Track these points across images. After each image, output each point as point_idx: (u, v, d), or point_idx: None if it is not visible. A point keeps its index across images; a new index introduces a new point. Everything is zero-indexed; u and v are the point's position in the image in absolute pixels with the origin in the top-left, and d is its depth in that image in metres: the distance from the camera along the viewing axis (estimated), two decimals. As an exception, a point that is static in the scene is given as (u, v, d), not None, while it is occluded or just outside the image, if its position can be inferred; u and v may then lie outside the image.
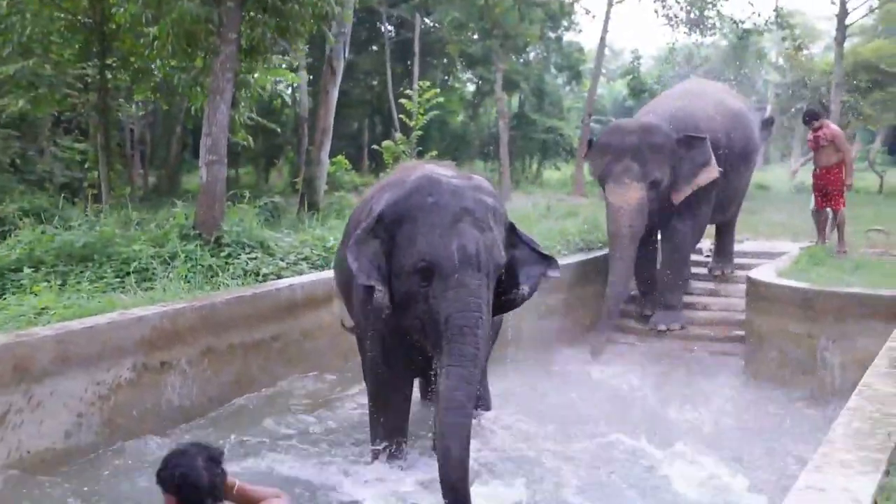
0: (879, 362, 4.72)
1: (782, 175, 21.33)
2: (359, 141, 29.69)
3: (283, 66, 18.14)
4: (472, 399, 4.35)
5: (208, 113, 8.38)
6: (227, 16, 8.17)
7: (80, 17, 10.96)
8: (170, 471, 2.46)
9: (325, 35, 11.16)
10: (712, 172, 8.79)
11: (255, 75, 10.50)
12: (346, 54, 14.64)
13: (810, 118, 9.64)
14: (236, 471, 4.99)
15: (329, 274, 7.39)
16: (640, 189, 8.65)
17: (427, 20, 28.59)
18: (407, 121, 13.58)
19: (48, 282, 6.78)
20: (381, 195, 5.02)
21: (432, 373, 5.24)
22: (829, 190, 9.58)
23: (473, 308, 4.38)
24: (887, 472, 3.15)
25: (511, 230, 4.94)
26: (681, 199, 8.87)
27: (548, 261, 5.02)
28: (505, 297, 4.83)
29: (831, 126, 9.78)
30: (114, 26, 10.06)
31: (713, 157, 8.79)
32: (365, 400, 5.72)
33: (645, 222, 8.76)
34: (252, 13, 8.71)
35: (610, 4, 23.23)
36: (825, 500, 2.88)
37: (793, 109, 26.31)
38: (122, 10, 9.06)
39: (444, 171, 4.98)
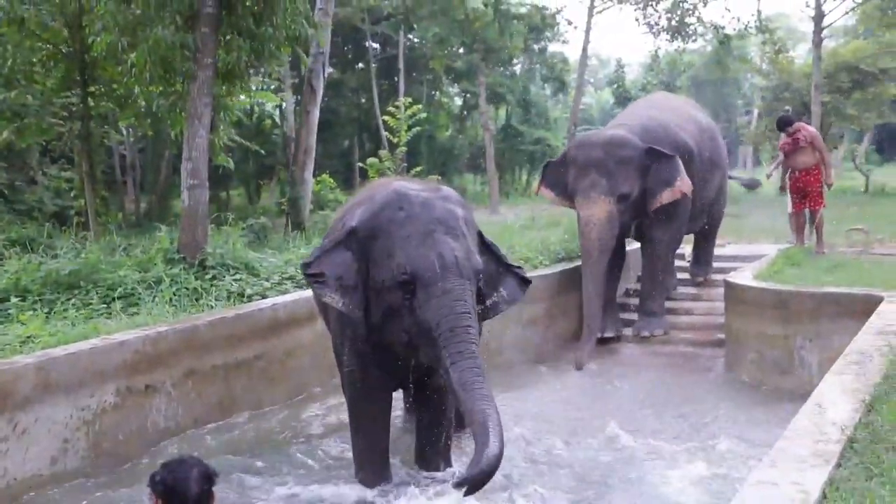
0: (840, 361, 4.83)
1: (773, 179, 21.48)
2: (349, 158, 29.80)
3: (272, 87, 18.34)
4: (488, 387, 4.42)
5: (187, 137, 8.48)
6: (202, 41, 8.28)
7: (60, 47, 11.07)
8: (163, 476, 2.57)
9: (303, 55, 11.26)
10: (675, 193, 8.75)
11: (234, 98, 10.59)
12: (326, 74, 14.75)
13: (785, 124, 9.79)
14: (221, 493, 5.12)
15: (310, 293, 7.47)
16: (609, 203, 8.66)
17: (410, 36, 28.77)
18: (391, 137, 13.73)
19: (34, 310, 6.84)
20: (352, 212, 5.13)
21: (411, 384, 5.38)
22: (809, 191, 9.72)
23: (461, 310, 4.49)
24: (838, 465, 3.24)
25: (481, 239, 5.07)
26: (653, 208, 8.92)
27: (518, 273, 5.17)
28: (481, 307, 4.94)
29: (808, 128, 9.92)
30: (95, 55, 10.14)
31: (681, 175, 8.72)
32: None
33: (615, 235, 8.79)
34: (227, 37, 8.81)
35: (590, 14, 23.36)
36: (776, 493, 2.97)
37: (780, 112, 26.48)
38: (98, 38, 9.14)
39: (412, 185, 5.11)
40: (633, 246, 10.27)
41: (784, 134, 9.80)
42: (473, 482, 4.13)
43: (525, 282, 5.30)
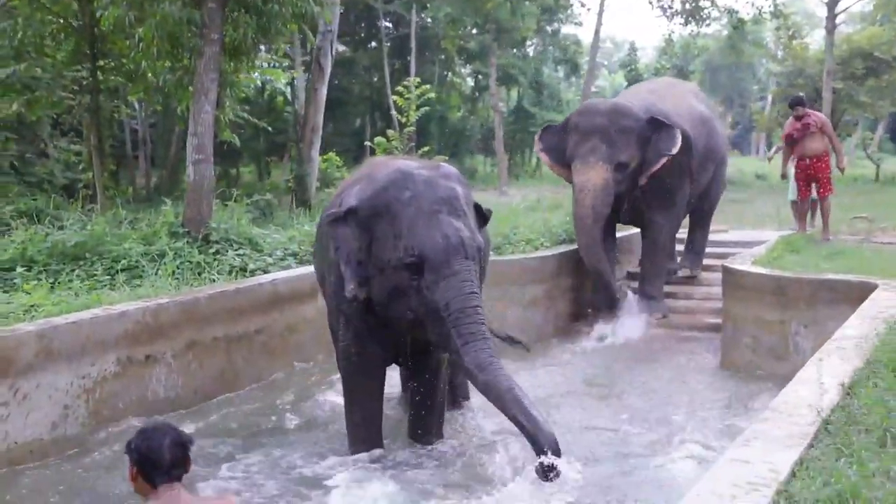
0: (826, 346, 4.88)
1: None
2: (361, 137, 29.81)
3: (284, 64, 18.35)
4: (501, 364, 4.60)
5: (193, 113, 8.56)
6: (209, 17, 8.34)
7: (70, 21, 11.15)
8: (137, 443, 2.63)
9: (309, 33, 11.29)
10: (666, 160, 8.71)
11: (241, 75, 10.66)
12: (335, 52, 14.80)
13: (797, 103, 9.60)
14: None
15: (312, 269, 7.56)
16: (606, 170, 8.65)
17: (423, 16, 28.73)
18: (400, 117, 13.76)
19: (39, 280, 6.96)
20: (350, 189, 5.19)
21: (410, 361, 5.45)
22: (819, 178, 9.57)
23: (468, 291, 4.61)
24: (811, 446, 3.31)
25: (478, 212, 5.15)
26: (643, 182, 8.91)
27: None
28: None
29: (817, 113, 9.82)
30: (104, 28, 10.23)
31: (676, 145, 8.68)
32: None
33: (609, 204, 8.76)
34: (234, 13, 8.87)
35: (603, -2, 23.33)
36: (746, 471, 3.03)
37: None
38: (106, 12, 9.21)
39: (412, 163, 5.17)
40: (633, 231, 10.29)
41: (792, 118, 9.66)
42: (548, 467, 4.34)
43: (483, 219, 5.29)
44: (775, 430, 3.47)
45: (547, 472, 4.34)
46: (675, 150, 8.64)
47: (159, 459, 2.58)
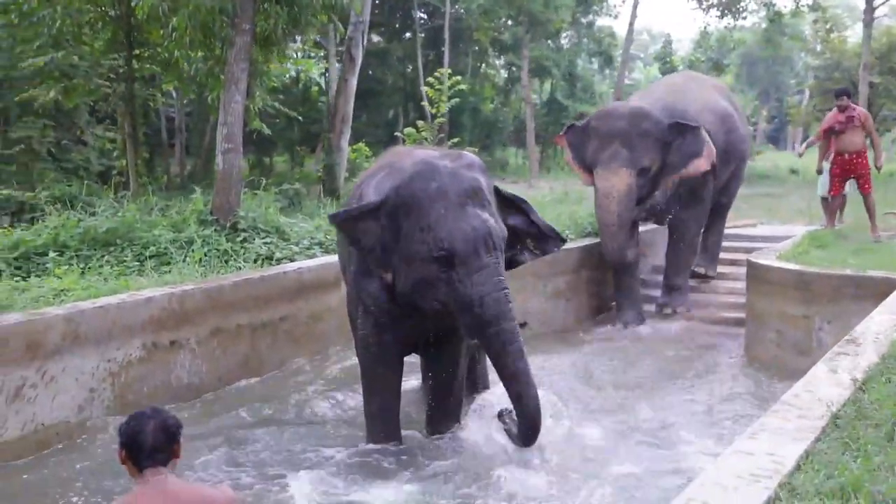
0: (843, 341, 4.85)
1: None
2: (394, 128, 29.84)
3: (322, 54, 18.46)
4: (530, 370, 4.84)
5: (224, 102, 8.68)
6: (240, 7, 8.44)
7: (107, 10, 11.32)
8: (123, 425, 2.70)
9: (339, 25, 11.37)
10: (702, 165, 8.74)
11: (272, 65, 10.76)
12: (365, 43, 14.85)
13: (843, 94, 9.36)
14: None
15: (337, 258, 7.63)
16: (629, 175, 8.66)
17: (457, 7, 28.71)
18: (431, 109, 13.80)
19: (71, 265, 7.10)
20: (370, 181, 5.25)
21: (430, 350, 5.50)
22: (861, 174, 9.35)
23: (501, 286, 4.72)
24: (818, 440, 3.32)
25: (501, 197, 5.22)
26: (668, 186, 8.89)
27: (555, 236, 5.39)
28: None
29: (859, 108, 9.63)
30: (139, 18, 10.38)
31: (707, 147, 8.72)
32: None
33: (633, 209, 8.79)
34: (265, 4, 8.96)
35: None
36: (750, 462, 3.05)
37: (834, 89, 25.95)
38: (141, 2, 9.35)
39: (435, 153, 5.21)
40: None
41: (835, 110, 9.47)
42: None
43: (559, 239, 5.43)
44: (784, 423, 3.48)
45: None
46: (705, 153, 8.64)
47: (142, 443, 2.63)
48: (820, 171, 10.33)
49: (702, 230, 9.88)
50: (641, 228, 9.82)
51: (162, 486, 2.59)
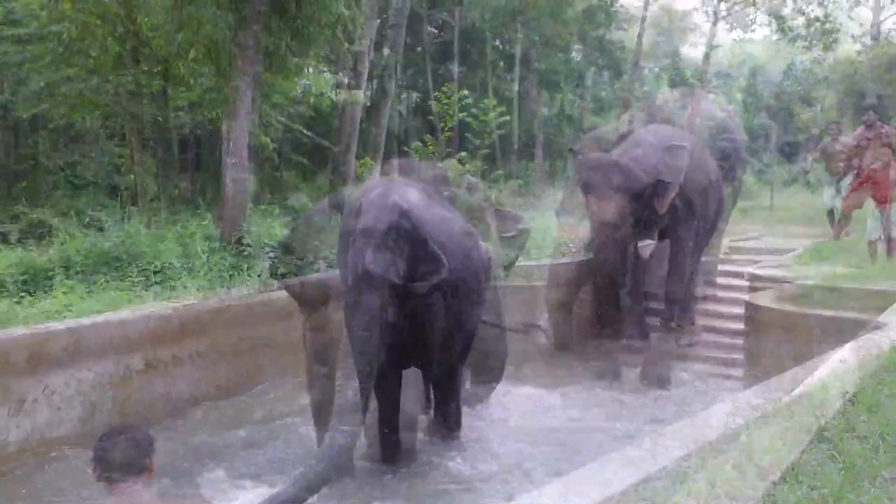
0: (835, 356, 4.86)
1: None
2: (403, 142, 29.92)
3: (333, 69, 18.52)
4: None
5: (229, 118, 8.74)
6: (243, 22, 8.51)
7: (116, 26, 11.39)
8: (97, 444, 2.76)
9: (348, 39, 11.42)
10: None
11: (280, 80, 10.83)
12: (372, 57, 14.86)
13: (870, 110, 9.35)
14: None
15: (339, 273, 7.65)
16: (622, 200, 8.40)
17: (466, 17, 28.76)
18: (439, 123, 13.85)
19: (76, 281, 7.16)
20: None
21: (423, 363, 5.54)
22: (884, 190, 9.32)
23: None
24: (804, 451, 3.33)
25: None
26: (665, 206, 8.78)
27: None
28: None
29: (887, 126, 9.62)
30: (146, 33, 10.47)
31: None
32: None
33: (627, 233, 8.62)
34: (269, 20, 9.01)
35: (647, 4, 23.20)
36: (734, 475, 3.06)
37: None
38: (146, 18, 9.44)
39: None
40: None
41: (863, 126, 9.44)
42: None
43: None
44: (770, 435, 3.49)
45: None
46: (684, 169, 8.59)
47: (111, 459, 2.68)
48: (807, 171, 10.28)
49: (702, 246, 9.80)
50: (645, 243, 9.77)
51: (137, 500, 2.63)
